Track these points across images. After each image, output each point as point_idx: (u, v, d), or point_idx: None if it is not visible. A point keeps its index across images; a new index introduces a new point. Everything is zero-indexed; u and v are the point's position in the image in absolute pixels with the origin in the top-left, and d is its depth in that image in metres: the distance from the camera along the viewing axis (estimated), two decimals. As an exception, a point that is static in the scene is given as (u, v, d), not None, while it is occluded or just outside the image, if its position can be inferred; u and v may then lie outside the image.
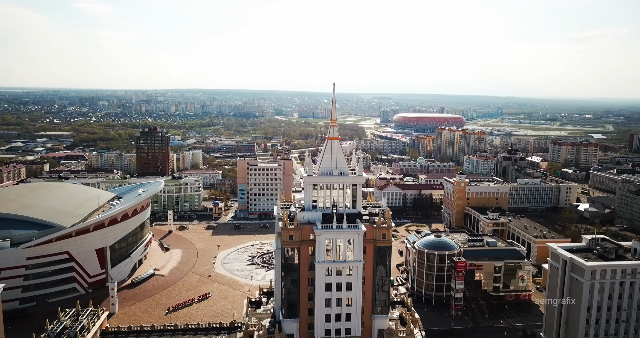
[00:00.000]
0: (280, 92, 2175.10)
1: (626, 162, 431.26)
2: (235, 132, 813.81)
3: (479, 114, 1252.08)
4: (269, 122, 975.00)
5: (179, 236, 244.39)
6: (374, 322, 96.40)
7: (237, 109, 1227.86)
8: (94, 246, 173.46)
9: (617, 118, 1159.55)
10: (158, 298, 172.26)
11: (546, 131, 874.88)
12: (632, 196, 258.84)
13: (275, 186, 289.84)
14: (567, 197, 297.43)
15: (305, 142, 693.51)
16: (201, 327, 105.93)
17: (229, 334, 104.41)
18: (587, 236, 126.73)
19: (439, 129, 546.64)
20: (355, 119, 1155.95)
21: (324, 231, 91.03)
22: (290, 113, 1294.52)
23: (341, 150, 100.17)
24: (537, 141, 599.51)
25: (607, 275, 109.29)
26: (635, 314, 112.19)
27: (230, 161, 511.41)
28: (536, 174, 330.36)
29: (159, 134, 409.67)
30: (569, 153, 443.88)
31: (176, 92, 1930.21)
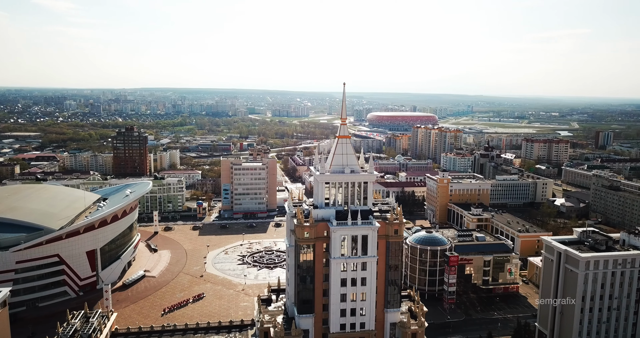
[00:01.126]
0: (252, 91, 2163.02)
1: (595, 158, 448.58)
2: (209, 131, 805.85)
3: (450, 113, 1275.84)
4: (243, 121, 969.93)
5: (166, 237, 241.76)
6: (386, 316, 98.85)
7: (209, 108, 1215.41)
8: (85, 249, 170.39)
9: (582, 116, 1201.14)
10: (152, 300, 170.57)
11: (516, 129, 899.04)
12: (605, 191, 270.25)
13: (259, 186, 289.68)
14: (544, 192, 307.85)
15: (282, 141, 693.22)
16: (212, 325, 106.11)
17: (240, 332, 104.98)
18: (577, 228, 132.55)
19: (415, 127, 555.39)
20: (329, 118, 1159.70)
21: (339, 227, 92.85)
22: (263, 112, 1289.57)
23: (352, 148, 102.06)
24: (509, 139, 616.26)
25: (600, 265, 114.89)
26: (626, 302, 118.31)
27: (208, 161, 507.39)
28: (513, 171, 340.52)
29: (136, 134, 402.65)
30: (541, 149, 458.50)
31: (145, 91, 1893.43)
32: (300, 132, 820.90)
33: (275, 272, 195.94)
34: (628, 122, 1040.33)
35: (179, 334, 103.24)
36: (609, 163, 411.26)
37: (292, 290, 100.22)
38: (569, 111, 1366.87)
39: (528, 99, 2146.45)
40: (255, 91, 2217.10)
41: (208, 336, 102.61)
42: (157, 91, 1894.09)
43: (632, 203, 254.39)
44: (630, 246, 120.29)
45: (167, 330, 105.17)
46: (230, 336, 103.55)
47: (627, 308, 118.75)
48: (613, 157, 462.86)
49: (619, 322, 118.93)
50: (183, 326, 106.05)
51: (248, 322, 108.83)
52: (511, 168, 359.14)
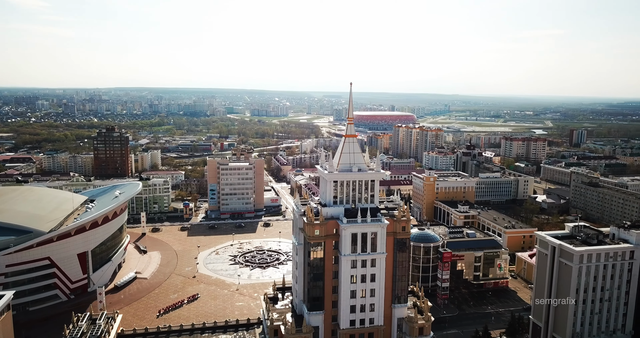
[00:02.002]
0: (230, 91, 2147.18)
1: (571, 156, 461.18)
2: (188, 131, 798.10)
3: (427, 112, 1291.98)
4: (222, 121, 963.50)
5: (154, 238, 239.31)
6: (394, 311, 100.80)
7: (187, 108, 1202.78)
8: (76, 251, 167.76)
9: (555, 115, 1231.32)
10: (145, 302, 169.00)
11: (492, 128, 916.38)
12: (585, 188, 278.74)
13: (246, 186, 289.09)
14: (525, 190, 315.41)
15: (262, 140, 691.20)
16: (218, 325, 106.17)
17: (247, 331, 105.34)
18: (569, 224, 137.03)
19: (396, 126, 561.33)
20: (309, 118, 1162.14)
21: (350, 225, 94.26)
22: (242, 112, 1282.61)
23: (358, 147, 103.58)
24: (488, 137, 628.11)
25: (593, 258, 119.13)
26: (616, 294, 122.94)
27: (189, 161, 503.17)
28: (495, 169, 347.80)
29: (117, 134, 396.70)
30: (519, 148, 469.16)
31: (120, 91, 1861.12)
32: (280, 131, 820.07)
33: (268, 272, 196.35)
34: (599, 120, 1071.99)
35: (186, 334, 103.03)
36: (585, 160, 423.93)
37: (300, 287, 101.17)
38: (543, 110, 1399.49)
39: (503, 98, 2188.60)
40: (233, 90, 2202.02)
41: (216, 335, 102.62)
42: (133, 91, 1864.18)
43: (610, 198, 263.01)
44: (620, 240, 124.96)
45: (173, 330, 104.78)
46: (238, 335, 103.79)
47: (618, 300, 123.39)
48: (588, 155, 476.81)
49: (610, 313, 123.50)
50: (190, 326, 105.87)
51: (254, 320, 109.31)
52: (493, 166, 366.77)
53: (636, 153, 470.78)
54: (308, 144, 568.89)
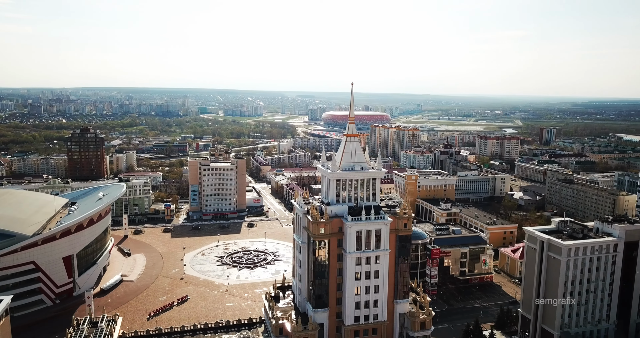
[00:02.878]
0: (202, 91, 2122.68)
1: (542, 154, 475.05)
2: (161, 132, 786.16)
3: (400, 112, 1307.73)
4: (195, 121, 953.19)
5: (137, 240, 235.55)
6: (396, 307, 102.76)
7: (159, 108, 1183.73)
8: (61, 255, 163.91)
9: (523, 114, 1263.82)
10: (134, 305, 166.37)
11: (465, 127, 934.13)
12: (560, 184, 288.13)
13: (229, 187, 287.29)
14: (502, 187, 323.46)
15: (238, 141, 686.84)
16: (220, 325, 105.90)
17: (250, 330, 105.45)
18: (555, 218, 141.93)
19: (373, 126, 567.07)
20: (284, 117, 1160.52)
21: (354, 223, 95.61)
22: (215, 111, 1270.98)
23: (360, 146, 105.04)
24: (462, 136, 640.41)
25: (580, 252, 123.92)
26: (601, 285, 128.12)
27: (165, 162, 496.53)
28: (472, 167, 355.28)
29: (92, 135, 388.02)
30: (494, 146, 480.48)
31: (89, 90, 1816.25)
32: (255, 131, 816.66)
33: (256, 272, 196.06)
34: (565, 119, 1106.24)
35: (189, 335, 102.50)
36: (556, 158, 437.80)
37: (304, 285, 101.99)
38: (512, 109, 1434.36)
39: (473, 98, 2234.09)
40: (205, 90, 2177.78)
41: (218, 335, 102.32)
42: (102, 91, 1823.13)
43: (584, 195, 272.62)
44: (603, 234, 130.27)
45: (175, 331, 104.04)
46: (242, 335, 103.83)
47: (603, 291, 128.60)
48: (559, 152, 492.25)
49: (596, 304, 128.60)
50: (192, 326, 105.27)
51: (256, 320, 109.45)
52: (470, 164, 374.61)
53: (604, 150, 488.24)
54: (286, 144, 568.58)
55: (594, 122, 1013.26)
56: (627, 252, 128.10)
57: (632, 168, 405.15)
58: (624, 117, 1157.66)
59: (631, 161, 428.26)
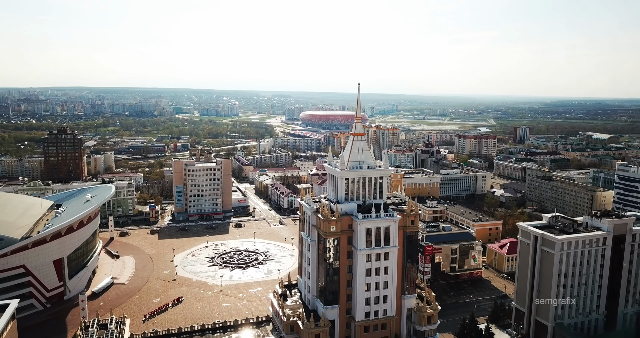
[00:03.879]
0: (175, 90, 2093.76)
1: (518, 152, 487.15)
2: (136, 132, 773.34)
3: (376, 111, 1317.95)
4: (171, 121, 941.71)
5: (124, 242, 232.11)
6: (403, 302, 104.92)
7: (132, 108, 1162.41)
8: (52, 258, 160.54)
9: (496, 113, 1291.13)
10: (128, 307, 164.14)
11: (440, 126, 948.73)
12: (540, 181, 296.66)
13: (214, 187, 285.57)
14: (483, 185, 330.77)
15: (216, 141, 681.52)
16: (228, 324, 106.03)
17: (258, 328, 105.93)
18: (546, 215, 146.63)
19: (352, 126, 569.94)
20: (261, 117, 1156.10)
21: (365, 220, 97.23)
22: (190, 111, 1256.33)
23: (366, 145, 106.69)
24: (439, 135, 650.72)
25: (572, 246, 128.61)
26: (592, 277, 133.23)
27: (144, 163, 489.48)
28: (453, 166, 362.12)
29: (70, 136, 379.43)
30: (472, 145, 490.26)
31: (58, 90, 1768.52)
32: (233, 131, 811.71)
33: (249, 272, 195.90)
34: (537, 118, 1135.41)
35: (198, 335, 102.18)
36: (532, 156, 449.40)
37: (313, 283, 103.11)
38: (485, 108, 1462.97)
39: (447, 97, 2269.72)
40: (179, 90, 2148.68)
41: (227, 335, 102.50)
42: (71, 91, 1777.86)
43: (563, 191, 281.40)
44: (593, 228, 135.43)
45: (184, 332, 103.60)
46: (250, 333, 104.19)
47: (593, 283, 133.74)
48: (534, 151, 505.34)
49: (587, 296, 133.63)
50: (200, 327, 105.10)
51: (263, 318, 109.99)
52: (452, 163, 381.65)
53: (576, 148, 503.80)
54: (266, 144, 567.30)
55: (564, 121, 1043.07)
56: (615, 245, 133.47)
57: (604, 165, 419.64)
58: (592, 116, 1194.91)
59: (603, 158, 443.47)
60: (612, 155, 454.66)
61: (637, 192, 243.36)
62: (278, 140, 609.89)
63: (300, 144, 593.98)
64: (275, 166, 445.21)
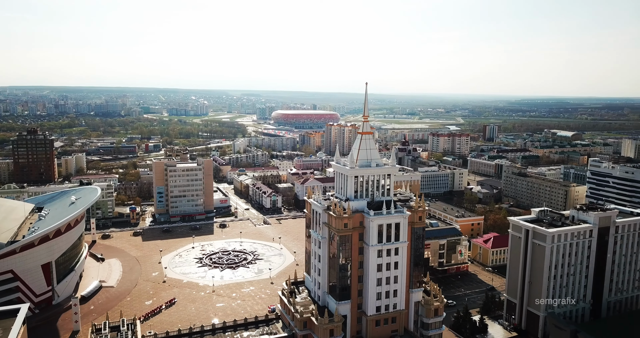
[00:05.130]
0: (142, 89, 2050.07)
1: (490, 149, 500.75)
2: (104, 133, 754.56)
3: (347, 110, 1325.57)
4: (139, 121, 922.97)
5: (107, 245, 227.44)
6: (411, 295, 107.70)
7: (98, 108, 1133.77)
8: (40, 262, 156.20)
9: (464, 111, 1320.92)
10: (119, 310, 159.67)
11: (411, 125, 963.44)
12: (515, 178, 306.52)
13: (196, 187, 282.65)
14: (460, 181, 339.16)
15: (188, 141, 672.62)
16: (238, 323, 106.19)
17: (268, 326, 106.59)
18: (535, 209, 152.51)
19: (328, 125, 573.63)
20: (231, 116, 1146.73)
21: (377, 217, 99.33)
22: (159, 111, 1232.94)
23: (374, 143, 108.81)
24: (411, 134, 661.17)
25: (562, 238, 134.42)
26: (579, 268, 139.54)
27: (116, 164, 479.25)
28: (431, 163, 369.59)
29: (40, 137, 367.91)
30: (446, 143, 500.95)
31: (17, 89, 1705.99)
32: (205, 131, 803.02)
33: (239, 272, 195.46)
34: (502, 116, 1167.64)
35: (209, 334, 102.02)
36: (503, 153, 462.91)
37: (324, 279, 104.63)
38: (452, 107, 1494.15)
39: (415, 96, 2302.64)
40: (145, 89, 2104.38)
41: (239, 333, 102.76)
42: (32, 90, 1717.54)
43: (538, 187, 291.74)
44: (579, 221, 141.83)
45: (195, 332, 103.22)
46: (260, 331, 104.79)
47: (580, 273, 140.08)
48: (504, 148, 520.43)
49: (575, 285, 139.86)
50: (211, 326, 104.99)
51: (272, 316, 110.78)
52: (429, 160, 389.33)
53: (544, 145, 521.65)
54: (241, 144, 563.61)
55: (529, 119, 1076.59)
56: (599, 237, 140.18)
57: (571, 161, 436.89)
58: (554, 114, 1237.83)
59: (570, 155, 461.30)
60: (578, 152, 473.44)
61: (609, 187, 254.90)
62: (253, 140, 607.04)
63: (275, 143, 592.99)
64: (252, 165, 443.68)
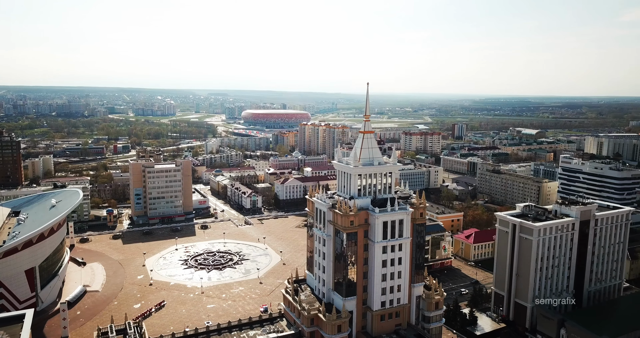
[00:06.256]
0: (105, 89, 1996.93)
1: (461, 148, 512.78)
2: (69, 134, 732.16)
3: (317, 110, 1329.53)
4: (104, 121, 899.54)
5: (86, 249, 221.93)
6: (413, 290, 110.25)
7: (60, 109, 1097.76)
8: (23, 267, 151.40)
9: (431, 110, 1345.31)
10: (106, 315, 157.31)
11: (380, 124, 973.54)
12: (490, 175, 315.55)
13: (175, 189, 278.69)
14: (436, 179, 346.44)
15: (157, 141, 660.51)
16: (243, 322, 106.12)
17: (273, 324, 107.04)
18: (520, 204, 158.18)
19: (302, 124, 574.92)
20: (200, 116, 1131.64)
21: (382, 214, 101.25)
22: (124, 111, 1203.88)
23: (375, 142, 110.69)
24: (383, 133, 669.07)
25: (547, 232, 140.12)
26: (563, 260, 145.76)
27: (85, 166, 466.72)
28: (406, 161, 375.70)
29: (6, 138, 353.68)
30: (418, 141, 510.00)
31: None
32: (174, 131, 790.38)
33: (226, 272, 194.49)
34: (468, 115, 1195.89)
35: (215, 334, 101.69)
36: (474, 151, 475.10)
37: (328, 276, 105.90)
38: (420, 106, 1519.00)
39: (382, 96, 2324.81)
40: (109, 89, 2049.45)
41: (245, 332, 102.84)
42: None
43: (512, 183, 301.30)
44: (562, 215, 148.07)
45: (200, 332, 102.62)
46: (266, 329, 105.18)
47: (564, 265, 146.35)
48: (474, 146, 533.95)
49: (559, 277, 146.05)
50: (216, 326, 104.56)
51: (276, 314, 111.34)
52: (404, 159, 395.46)
53: (512, 143, 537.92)
54: (213, 144, 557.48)
55: (494, 117, 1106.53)
56: (581, 230, 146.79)
57: (539, 158, 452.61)
58: (517, 112, 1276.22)
59: (537, 152, 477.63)
60: (545, 149, 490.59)
61: (579, 182, 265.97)
62: (225, 140, 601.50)
63: (248, 143, 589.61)
64: (227, 166, 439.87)
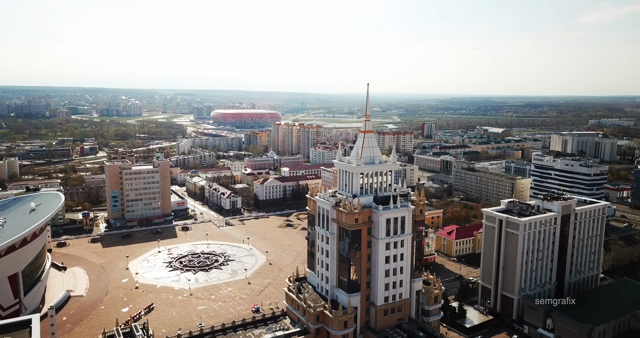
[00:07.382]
0: (66, 89, 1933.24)
1: (432, 146, 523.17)
2: (30, 135, 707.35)
3: (286, 110, 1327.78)
4: (68, 122, 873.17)
5: (65, 253, 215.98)
6: (413, 285, 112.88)
7: (19, 109, 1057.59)
8: (6, 273, 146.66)
9: (399, 110, 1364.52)
10: (95, 320, 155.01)
11: (350, 123, 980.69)
12: (465, 172, 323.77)
13: (153, 190, 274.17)
14: (412, 177, 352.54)
15: (126, 142, 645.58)
16: (247, 321, 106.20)
17: (276, 322, 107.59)
18: (504, 200, 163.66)
19: (275, 124, 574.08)
20: (167, 117, 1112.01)
21: (385, 211, 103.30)
22: (88, 112, 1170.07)
23: (375, 142, 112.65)
24: (354, 132, 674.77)
25: (532, 226, 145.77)
26: (546, 253, 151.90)
27: (52, 168, 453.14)
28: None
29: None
30: (391, 140, 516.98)
31: None
32: (142, 132, 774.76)
33: (213, 273, 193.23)
34: (435, 114, 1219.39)
35: (220, 334, 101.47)
36: (446, 149, 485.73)
37: (332, 274, 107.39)
38: (387, 106, 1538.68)
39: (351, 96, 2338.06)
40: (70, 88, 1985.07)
41: (250, 331, 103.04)
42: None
43: (486, 181, 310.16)
44: (544, 210, 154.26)
45: (205, 333, 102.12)
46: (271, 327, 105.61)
47: (547, 258, 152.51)
48: (444, 145, 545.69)
49: (543, 270, 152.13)
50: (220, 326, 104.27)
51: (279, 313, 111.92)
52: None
53: (481, 142, 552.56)
54: (185, 145, 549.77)
55: (460, 116, 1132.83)
56: (562, 224, 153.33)
57: (507, 155, 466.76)
58: (482, 112, 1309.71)
59: (506, 150, 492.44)
60: (512, 147, 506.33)
61: (551, 178, 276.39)
62: (196, 140, 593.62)
63: (220, 143, 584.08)
64: (201, 166, 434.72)
